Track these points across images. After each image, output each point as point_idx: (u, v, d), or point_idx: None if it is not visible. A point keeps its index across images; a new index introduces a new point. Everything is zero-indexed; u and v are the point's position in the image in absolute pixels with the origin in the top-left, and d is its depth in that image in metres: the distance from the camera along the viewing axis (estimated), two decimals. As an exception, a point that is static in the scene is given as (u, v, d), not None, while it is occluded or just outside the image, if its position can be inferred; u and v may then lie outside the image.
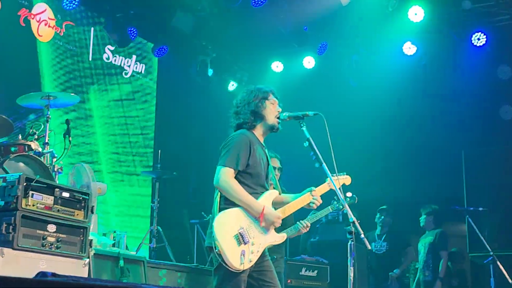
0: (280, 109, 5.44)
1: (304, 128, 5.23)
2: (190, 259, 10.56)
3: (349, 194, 6.99)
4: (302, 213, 6.46)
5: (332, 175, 5.20)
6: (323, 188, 5.52)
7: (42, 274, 1.95)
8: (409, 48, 10.99)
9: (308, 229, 6.92)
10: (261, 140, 5.46)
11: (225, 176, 5.09)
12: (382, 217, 10.35)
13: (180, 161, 11.67)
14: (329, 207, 7.23)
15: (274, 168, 7.36)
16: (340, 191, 5.11)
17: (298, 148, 5.64)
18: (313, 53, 11.66)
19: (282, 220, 5.30)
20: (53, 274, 1.96)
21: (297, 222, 7.05)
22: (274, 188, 5.53)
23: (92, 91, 10.57)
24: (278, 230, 5.33)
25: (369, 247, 4.81)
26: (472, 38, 10.65)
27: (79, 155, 10.09)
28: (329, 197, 6.72)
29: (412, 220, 10.58)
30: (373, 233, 10.40)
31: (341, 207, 7.09)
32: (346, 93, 11.79)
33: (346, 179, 5.75)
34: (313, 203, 5.41)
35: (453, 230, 11.28)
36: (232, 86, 12.68)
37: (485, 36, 10.60)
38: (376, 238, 10.34)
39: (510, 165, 10.12)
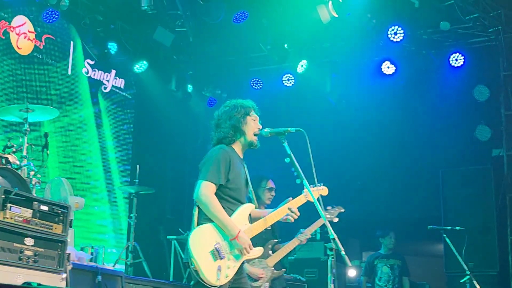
0: (260, 126, 5.44)
1: (285, 144, 5.23)
2: (167, 275, 10.51)
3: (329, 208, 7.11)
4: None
5: (309, 186, 5.21)
6: (299, 200, 5.51)
7: (27, 284, 1.93)
8: (388, 68, 11.05)
9: (306, 239, 7.12)
10: (241, 155, 5.45)
11: (206, 190, 5.06)
12: None
13: (157, 177, 11.61)
14: (320, 218, 7.27)
15: (272, 188, 7.41)
16: (319, 202, 5.08)
17: (279, 163, 5.64)
18: (292, 70, 11.70)
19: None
20: (39, 285, 1.93)
21: (298, 232, 7.20)
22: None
23: (70, 105, 10.50)
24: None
25: (350, 264, 4.79)
26: (450, 59, 10.78)
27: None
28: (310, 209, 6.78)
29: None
30: None
31: (332, 217, 7.16)
32: (325, 111, 11.82)
33: (323, 190, 5.76)
34: (290, 215, 5.38)
35: (430, 249, 11.32)
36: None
37: (462, 57, 10.72)
38: None
39: (486, 185, 10.20)
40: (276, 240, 7.43)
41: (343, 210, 7.35)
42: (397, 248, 10.42)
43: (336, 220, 7.23)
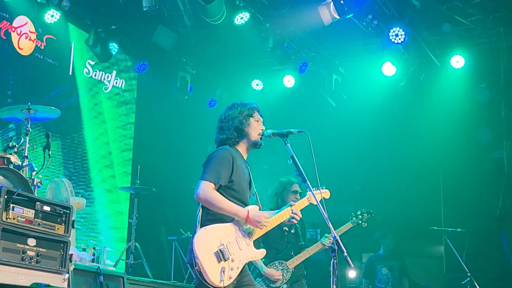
0: (264, 127, 5.45)
1: (288, 146, 5.23)
2: (167, 276, 10.51)
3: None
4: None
5: (312, 189, 5.23)
6: (302, 203, 5.57)
7: (36, 284, 1.93)
8: (389, 69, 11.05)
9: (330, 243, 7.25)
10: (245, 156, 5.45)
11: (205, 189, 5.06)
12: None
13: (158, 177, 11.61)
14: (349, 222, 7.44)
15: (296, 192, 7.48)
16: (322, 205, 5.08)
17: (281, 164, 5.65)
18: (293, 72, 11.70)
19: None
20: (47, 285, 1.93)
21: (323, 236, 7.38)
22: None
23: (72, 105, 10.51)
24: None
25: (352, 266, 4.79)
26: (451, 60, 10.78)
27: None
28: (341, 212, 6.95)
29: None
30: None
31: (360, 222, 7.37)
32: (326, 112, 11.82)
33: (325, 193, 5.76)
34: (293, 217, 5.41)
35: (431, 250, 11.31)
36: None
37: (463, 59, 10.72)
38: None
39: (487, 187, 10.20)
40: (301, 243, 7.57)
41: (372, 216, 7.53)
42: (397, 249, 10.42)
43: (365, 225, 7.40)
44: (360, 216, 7.53)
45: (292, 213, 5.41)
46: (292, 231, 7.58)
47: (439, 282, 10.80)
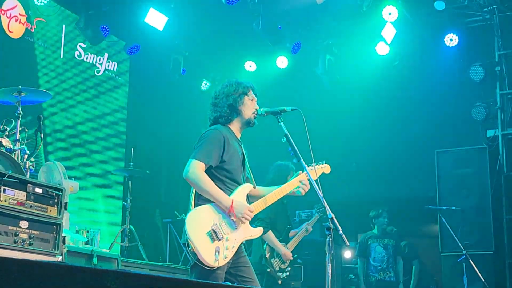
0: (257, 106, 5.40)
1: (282, 124, 5.19)
2: (162, 258, 10.50)
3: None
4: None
5: (309, 165, 5.18)
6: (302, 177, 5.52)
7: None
8: (382, 48, 11.00)
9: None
10: (238, 135, 5.42)
11: (194, 169, 5.02)
12: None
13: (152, 160, 11.58)
14: (316, 214, 7.60)
15: None
16: (317, 183, 5.04)
17: (275, 142, 5.62)
18: (286, 52, 11.64)
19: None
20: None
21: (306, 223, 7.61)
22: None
23: (63, 89, 10.44)
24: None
25: (348, 244, 4.77)
26: (445, 39, 10.73)
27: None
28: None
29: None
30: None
31: (322, 215, 7.59)
32: (320, 92, 11.79)
33: (325, 168, 5.69)
34: (302, 187, 5.35)
35: (426, 229, 11.32)
36: (205, 85, 12.65)
37: (457, 37, 10.67)
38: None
39: (482, 165, 10.18)
40: (289, 226, 7.91)
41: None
42: (391, 228, 10.43)
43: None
44: (322, 208, 7.66)
45: (301, 183, 5.35)
46: (288, 213, 7.75)
47: (435, 260, 10.82)
